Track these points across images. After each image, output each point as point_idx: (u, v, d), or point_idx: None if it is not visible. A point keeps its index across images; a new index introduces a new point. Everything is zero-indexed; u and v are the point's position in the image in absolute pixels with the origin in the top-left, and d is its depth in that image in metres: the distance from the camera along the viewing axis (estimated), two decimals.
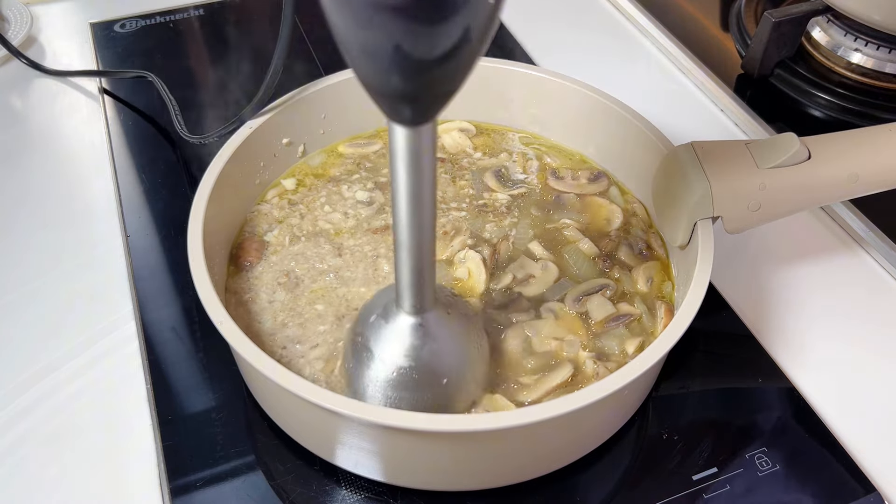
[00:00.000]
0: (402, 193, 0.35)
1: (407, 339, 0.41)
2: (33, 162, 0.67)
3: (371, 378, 0.42)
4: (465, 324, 0.44)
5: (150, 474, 0.46)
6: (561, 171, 0.57)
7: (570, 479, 0.46)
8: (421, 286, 0.39)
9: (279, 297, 0.49)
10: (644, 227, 0.55)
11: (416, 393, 0.41)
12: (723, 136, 0.70)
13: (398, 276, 0.39)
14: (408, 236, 0.36)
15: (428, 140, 0.33)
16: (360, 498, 0.45)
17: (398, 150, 0.33)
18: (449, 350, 0.42)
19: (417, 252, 0.37)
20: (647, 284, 0.50)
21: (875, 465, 0.47)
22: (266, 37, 0.81)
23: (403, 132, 0.32)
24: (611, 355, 0.47)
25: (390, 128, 0.33)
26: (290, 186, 0.56)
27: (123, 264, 0.58)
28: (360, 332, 0.43)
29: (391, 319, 0.41)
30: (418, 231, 0.36)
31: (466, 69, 0.29)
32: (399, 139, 0.32)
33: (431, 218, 0.36)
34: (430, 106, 0.31)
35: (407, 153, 0.33)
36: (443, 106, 0.31)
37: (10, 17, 0.80)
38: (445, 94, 0.30)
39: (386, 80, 0.29)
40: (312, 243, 0.52)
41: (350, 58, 0.29)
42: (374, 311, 0.42)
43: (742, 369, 0.52)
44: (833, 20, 0.74)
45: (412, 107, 0.31)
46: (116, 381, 0.51)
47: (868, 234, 0.60)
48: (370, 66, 0.29)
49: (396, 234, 0.37)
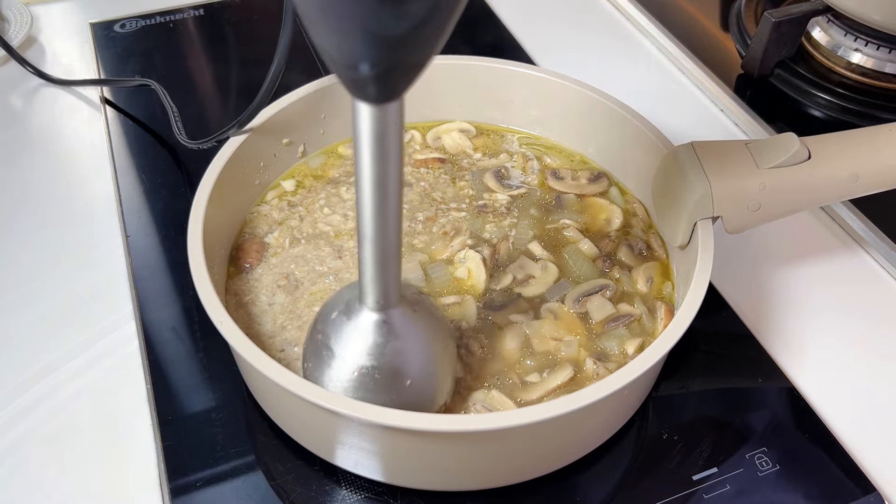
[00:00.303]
0: (365, 180, 0.32)
1: (370, 337, 0.39)
2: (33, 162, 0.67)
3: (331, 378, 0.40)
4: (433, 323, 0.42)
5: (150, 474, 0.46)
6: (561, 172, 0.57)
7: (570, 479, 0.46)
8: (385, 281, 0.37)
9: (279, 299, 0.49)
10: (644, 227, 0.55)
11: (378, 394, 0.39)
12: (723, 136, 0.70)
13: (362, 269, 0.37)
14: (371, 227, 0.34)
15: (395, 120, 0.31)
16: (360, 498, 0.45)
17: (362, 132, 0.31)
18: (413, 349, 0.40)
19: (382, 244, 0.35)
20: (647, 285, 0.51)
21: (875, 465, 0.47)
22: (266, 36, 0.81)
23: (368, 111, 0.30)
24: (611, 356, 0.47)
25: (354, 107, 0.30)
26: (289, 188, 0.56)
27: (123, 264, 0.58)
28: (321, 330, 0.40)
29: (354, 316, 0.39)
30: (383, 221, 0.34)
31: (437, 40, 0.27)
32: (363, 119, 0.30)
33: (397, 207, 0.34)
34: (397, 81, 0.29)
35: (371, 134, 0.31)
36: (410, 82, 0.29)
37: (10, 17, 0.80)
38: (413, 68, 0.28)
39: (349, 50, 0.26)
40: (312, 245, 0.52)
41: (310, 26, 0.26)
42: (336, 307, 0.40)
43: (742, 369, 0.52)
44: (833, 20, 0.74)
45: (377, 81, 0.28)
46: (116, 381, 0.51)
47: (868, 234, 0.60)
48: (331, 34, 0.26)
49: (360, 226, 0.35)
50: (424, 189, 0.56)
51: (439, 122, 0.61)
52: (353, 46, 0.26)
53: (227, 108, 0.72)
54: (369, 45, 0.26)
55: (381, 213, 0.34)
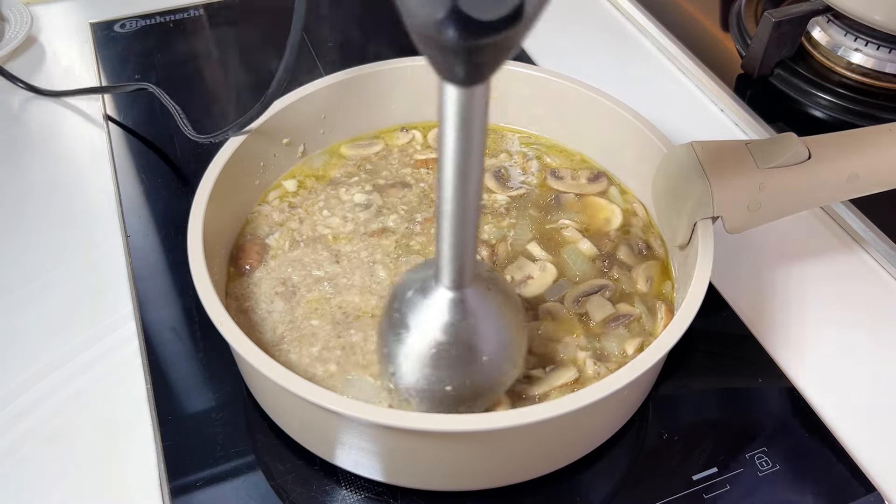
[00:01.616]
0: (448, 160, 0.33)
1: (446, 315, 0.39)
2: (33, 162, 0.67)
3: (408, 354, 0.40)
4: (506, 301, 0.42)
5: (150, 474, 0.46)
6: (560, 171, 0.57)
7: (570, 479, 0.46)
8: (462, 260, 0.37)
9: (277, 306, 0.49)
10: (644, 226, 0.55)
11: (453, 371, 0.40)
12: (723, 136, 0.70)
13: (439, 249, 0.37)
14: (452, 205, 0.34)
15: (481, 103, 0.31)
16: (360, 498, 0.45)
17: (448, 113, 0.31)
18: (489, 327, 0.41)
19: (461, 223, 0.35)
20: (646, 284, 0.50)
21: (875, 465, 0.47)
22: (267, 35, 0.81)
23: (455, 93, 0.31)
24: (611, 356, 0.47)
25: (441, 88, 0.31)
26: (291, 188, 0.56)
27: (123, 264, 0.58)
28: (398, 308, 0.41)
29: (430, 294, 0.39)
30: (463, 200, 0.34)
31: (529, 23, 0.27)
32: (450, 101, 0.31)
33: (478, 188, 0.34)
34: (487, 63, 0.29)
35: (457, 116, 0.31)
36: (500, 64, 0.29)
37: (10, 17, 0.80)
38: (504, 50, 0.28)
39: (441, 30, 0.27)
40: (310, 249, 0.52)
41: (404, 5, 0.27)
42: (411, 286, 0.41)
43: (742, 369, 0.52)
44: (833, 20, 0.74)
45: (467, 64, 0.29)
46: (116, 380, 0.51)
47: (868, 234, 0.60)
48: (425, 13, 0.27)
49: (440, 204, 0.35)
50: (423, 190, 0.56)
51: (436, 122, 0.61)
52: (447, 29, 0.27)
53: (228, 108, 0.72)
54: (463, 28, 0.27)
55: (461, 194, 0.34)
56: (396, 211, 0.55)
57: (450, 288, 0.39)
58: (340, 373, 0.45)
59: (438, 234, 0.36)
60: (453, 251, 0.37)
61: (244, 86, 0.75)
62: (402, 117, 0.61)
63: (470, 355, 0.40)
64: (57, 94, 0.73)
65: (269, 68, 0.76)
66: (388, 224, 0.54)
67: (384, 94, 0.59)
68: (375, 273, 0.50)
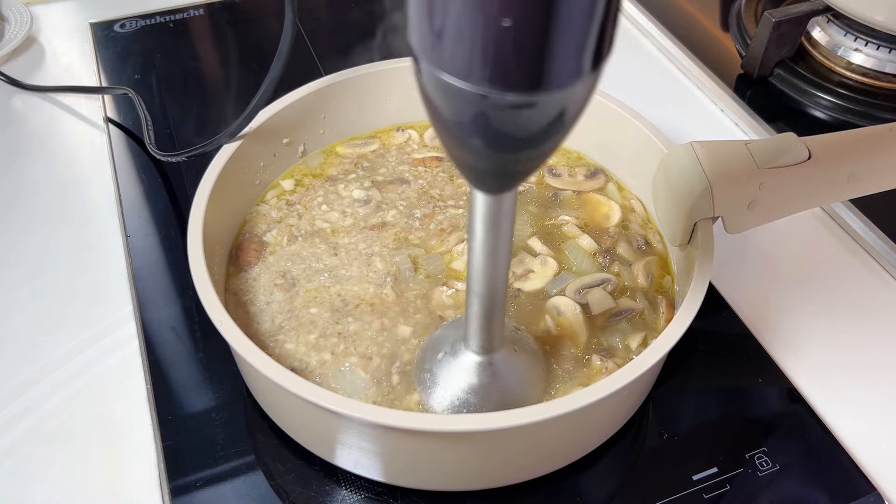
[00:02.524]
0: (477, 249, 0.36)
1: (475, 378, 0.42)
2: (33, 162, 0.67)
3: (442, 407, 0.43)
4: (531, 359, 0.45)
5: (150, 474, 0.46)
6: (557, 169, 0.58)
7: (570, 479, 0.46)
8: (490, 331, 0.40)
9: (276, 297, 0.49)
10: (642, 222, 0.55)
11: None
12: (723, 136, 0.70)
13: (468, 320, 0.40)
14: (480, 286, 0.38)
15: (508, 206, 0.34)
16: (360, 498, 0.45)
17: (478, 213, 0.34)
18: (516, 386, 0.44)
19: (489, 301, 0.38)
20: (647, 279, 0.51)
21: (875, 465, 0.47)
22: (267, 36, 0.81)
23: (484, 198, 0.33)
24: (615, 350, 0.47)
25: (472, 192, 0.34)
26: (288, 187, 0.56)
27: (123, 264, 0.58)
28: (429, 370, 0.44)
29: (459, 357, 0.43)
30: (491, 282, 0.37)
31: (554, 149, 0.30)
32: (479, 204, 0.34)
33: (505, 270, 0.37)
34: (515, 179, 0.32)
35: (486, 216, 0.34)
36: (527, 178, 0.32)
37: (10, 17, 0.80)
38: (531, 170, 0.31)
39: (477, 159, 0.30)
40: (309, 243, 0.52)
41: (443, 139, 0.30)
42: (441, 347, 0.44)
43: (742, 369, 0.52)
44: (833, 20, 0.74)
45: (497, 180, 0.32)
46: (116, 380, 0.51)
47: (868, 234, 0.60)
48: (464, 148, 0.29)
49: (470, 283, 0.38)
50: (422, 187, 0.56)
51: None
52: (482, 159, 0.30)
53: (227, 109, 0.72)
54: (497, 158, 0.30)
55: (490, 276, 0.37)
56: (395, 206, 0.55)
57: (478, 353, 0.42)
58: (334, 362, 0.46)
59: (468, 308, 0.40)
60: (481, 323, 0.40)
61: (244, 86, 0.75)
62: (398, 117, 0.61)
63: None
64: (45, 90, 0.73)
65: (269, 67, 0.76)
66: (387, 219, 0.54)
67: (381, 95, 0.59)
68: (373, 264, 0.51)
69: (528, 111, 0.26)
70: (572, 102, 0.27)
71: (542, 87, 0.25)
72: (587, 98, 0.28)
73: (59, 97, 0.73)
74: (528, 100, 0.26)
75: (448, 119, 0.28)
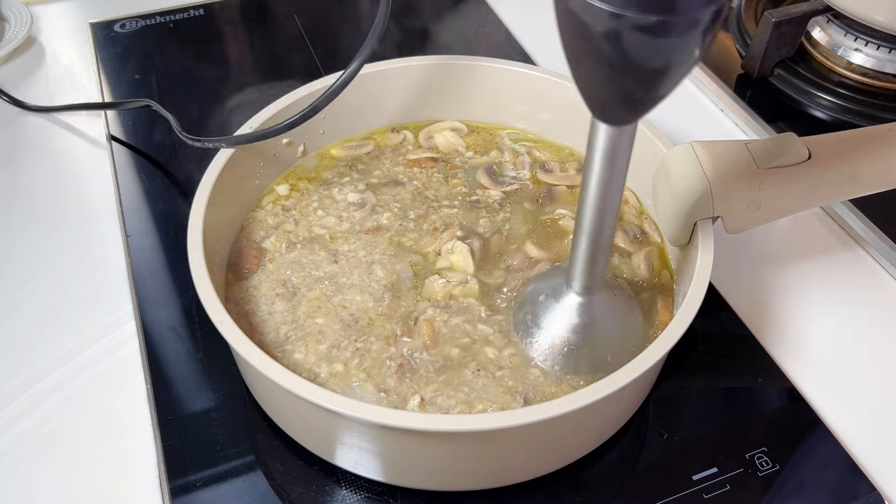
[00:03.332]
0: (592, 184, 0.37)
1: (576, 318, 0.44)
2: (33, 162, 0.67)
3: (541, 352, 0.45)
4: (630, 304, 0.47)
5: (150, 474, 0.46)
6: (549, 164, 0.58)
7: (570, 479, 0.46)
8: (594, 270, 0.42)
9: (278, 307, 0.49)
10: (636, 213, 0.55)
11: (583, 367, 0.44)
12: (723, 136, 0.70)
13: (573, 259, 0.42)
14: (590, 223, 0.39)
15: (627, 139, 0.35)
16: (360, 498, 0.45)
17: (598, 145, 0.35)
18: (614, 329, 0.45)
19: (596, 238, 0.39)
20: (648, 271, 0.51)
21: (875, 465, 0.47)
22: (267, 35, 0.81)
23: (606, 130, 0.34)
24: None
25: (593, 124, 0.34)
26: (283, 192, 0.56)
27: (123, 264, 0.58)
28: (530, 311, 0.46)
29: (561, 299, 0.44)
30: (600, 219, 0.39)
31: (682, 77, 0.31)
32: (601, 136, 0.34)
33: (615, 208, 0.39)
34: (641, 110, 0.33)
35: (605, 149, 0.35)
36: (651, 109, 0.33)
37: (10, 17, 0.80)
38: (658, 99, 0.32)
39: (607, 87, 0.31)
40: (308, 250, 0.52)
41: (574, 65, 0.31)
42: (543, 291, 0.46)
43: (742, 369, 0.52)
44: (833, 20, 0.74)
45: (623, 110, 0.33)
46: (116, 380, 0.51)
47: (868, 234, 0.60)
48: (595, 75, 0.31)
49: (579, 220, 0.39)
50: (417, 188, 0.56)
51: (430, 121, 0.62)
52: (613, 87, 0.31)
53: (228, 108, 0.72)
54: (629, 86, 0.31)
55: (600, 215, 0.38)
56: (390, 209, 0.55)
57: (580, 294, 0.43)
58: (345, 375, 0.45)
59: (574, 246, 0.41)
60: (586, 262, 0.41)
61: (244, 86, 0.75)
62: (393, 118, 0.61)
63: (597, 355, 0.45)
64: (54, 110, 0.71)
65: (269, 67, 0.76)
66: (381, 222, 0.54)
67: (377, 95, 0.59)
68: (374, 272, 0.50)
69: (663, 33, 0.28)
70: (703, 27, 0.28)
71: (677, 9, 0.27)
72: (714, 28, 0.29)
73: (60, 97, 0.73)
74: (664, 19, 0.27)
75: (586, 43, 0.29)
